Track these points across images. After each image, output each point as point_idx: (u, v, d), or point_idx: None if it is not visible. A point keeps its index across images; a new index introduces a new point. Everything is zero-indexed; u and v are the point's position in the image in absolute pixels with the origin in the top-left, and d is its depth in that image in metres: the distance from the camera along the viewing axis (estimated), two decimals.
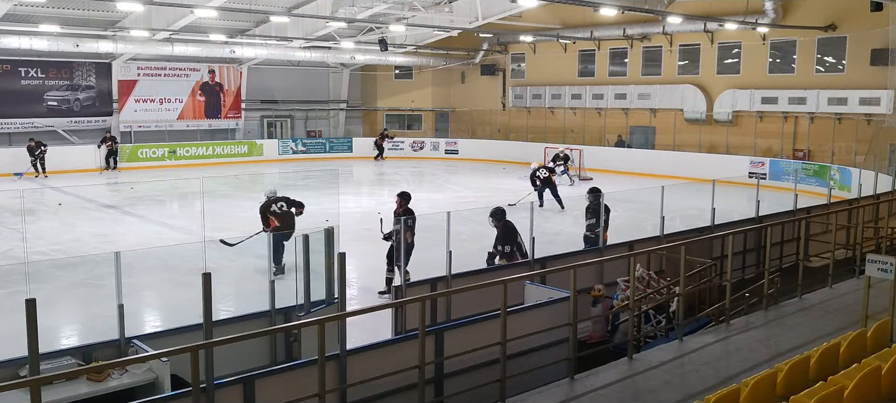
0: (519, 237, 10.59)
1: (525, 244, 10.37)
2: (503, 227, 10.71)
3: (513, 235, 10.61)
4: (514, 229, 10.65)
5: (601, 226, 11.58)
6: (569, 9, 27.05)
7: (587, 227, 12.11)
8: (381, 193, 23.75)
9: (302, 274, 7.82)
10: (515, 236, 10.61)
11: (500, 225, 10.74)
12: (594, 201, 11.97)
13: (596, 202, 11.84)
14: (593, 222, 11.89)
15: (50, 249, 14.33)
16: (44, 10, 22.92)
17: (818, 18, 23.55)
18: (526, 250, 10.35)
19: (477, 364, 6.82)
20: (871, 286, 7.76)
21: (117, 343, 6.74)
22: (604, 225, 11.63)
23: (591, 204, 12.08)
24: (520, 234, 10.57)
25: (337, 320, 6.11)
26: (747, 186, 19.40)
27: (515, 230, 10.64)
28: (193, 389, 4.91)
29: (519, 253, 10.52)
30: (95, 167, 27.04)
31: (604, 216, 11.65)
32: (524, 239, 10.46)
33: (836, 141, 23.10)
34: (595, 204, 11.85)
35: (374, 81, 35.84)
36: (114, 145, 27.36)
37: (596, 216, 11.75)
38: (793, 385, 5.58)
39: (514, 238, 10.60)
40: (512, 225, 10.68)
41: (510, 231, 10.65)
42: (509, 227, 10.68)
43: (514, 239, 10.58)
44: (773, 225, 10.51)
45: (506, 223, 10.72)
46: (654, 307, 9.48)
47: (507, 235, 10.62)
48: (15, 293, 10.01)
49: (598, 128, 29.97)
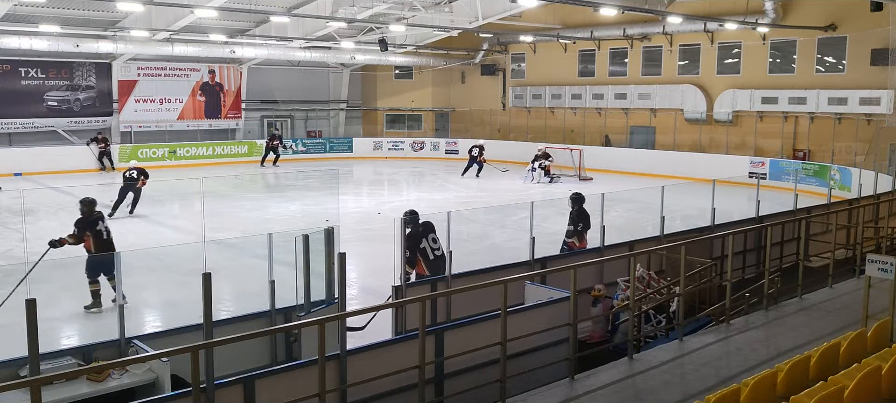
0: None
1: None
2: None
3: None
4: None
5: (576, 235, 11.59)
6: (569, 9, 27.04)
7: (567, 233, 11.86)
8: (382, 193, 23.78)
9: (302, 274, 7.81)
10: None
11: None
12: (576, 209, 11.68)
13: (578, 210, 11.64)
14: (571, 229, 11.72)
15: None
16: (44, 10, 22.92)
17: (818, 18, 23.55)
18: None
19: (477, 365, 6.82)
20: (871, 286, 7.76)
21: (117, 343, 6.75)
22: (581, 229, 11.56)
23: (573, 212, 11.75)
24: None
25: (337, 320, 6.11)
26: (747, 186, 19.42)
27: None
28: (193, 389, 4.92)
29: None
30: (95, 167, 27.04)
31: (581, 223, 11.56)
32: (524, 238, 10.47)
33: (836, 141, 23.11)
34: (576, 213, 11.66)
35: (374, 81, 35.85)
36: (106, 147, 27.03)
37: (575, 224, 11.64)
38: (793, 385, 5.58)
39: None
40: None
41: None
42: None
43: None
44: (773, 225, 10.50)
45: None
46: (655, 307, 9.47)
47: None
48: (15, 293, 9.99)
49: (598, 128, 29.97)
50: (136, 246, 14.00)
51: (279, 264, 7.92)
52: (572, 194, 12.00)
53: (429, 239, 9.66)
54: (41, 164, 25.65)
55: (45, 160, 25.81)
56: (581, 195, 11.91)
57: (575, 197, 11.84)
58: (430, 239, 9.68)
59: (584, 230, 11.60)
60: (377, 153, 33.64)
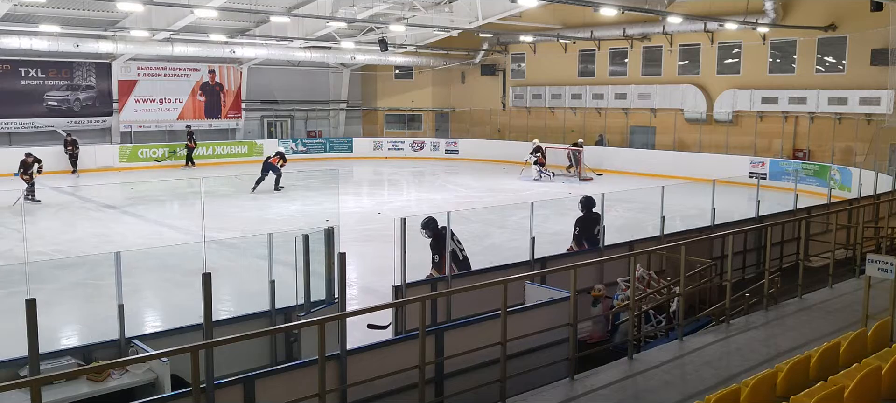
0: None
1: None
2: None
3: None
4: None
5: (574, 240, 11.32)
6: (569, 9, 27.04)
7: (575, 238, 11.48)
8: (382, 193, 23.78)
9: (302, 274, 7.82)
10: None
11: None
12: (586, 214, 11.30)
13: (588, 216, 11.26)
14: (577, 233, 11.34)
15: (50, 249, 14.33)
16: (44, 10, 22.92)
17: (818, 18, 23.55)
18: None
19: (477, 365, 6.82)
20: (871, 286, 7.75)
21: (117, 343, 6.74)
22: (579, 235, 11.24)
23: (583, 217, 11.34)
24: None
25: (337, 320, 6.11)
26: (747, 186, 19.41)
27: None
28: (193, 389, 4.91)
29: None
30: (94, 167, 26.97)
31: (578, 227, 11.27)
32: (524, 238, 10.46)
33: (836, 141, 23.11)
34: (586, 219, 11.27)
35: (374, 81, 35.85)
36: (74, 149, 26.27)
37: (582, 229, 11.28)
38: (793, 385, 5.58)
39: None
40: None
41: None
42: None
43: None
44: (773, 225, 10.50)
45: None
46: (655, 307, 9.47)
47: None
48: (15, 293, 10.00)
49: (598, 128, 29.97)
50: (136, 246, 14.00)
51: (279, 264, 7.92)
52: (581, 198, 11.75)
53: (455, 240, 9.72)
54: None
55: (46, 160, 25.65)
56: (589, 198, 11.49)
57: (582, 201, 11.56)
58: (455, 240, 9.74)
59: (582, 236, 11.22)
60: (377, 153, 33.64)
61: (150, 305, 11.06)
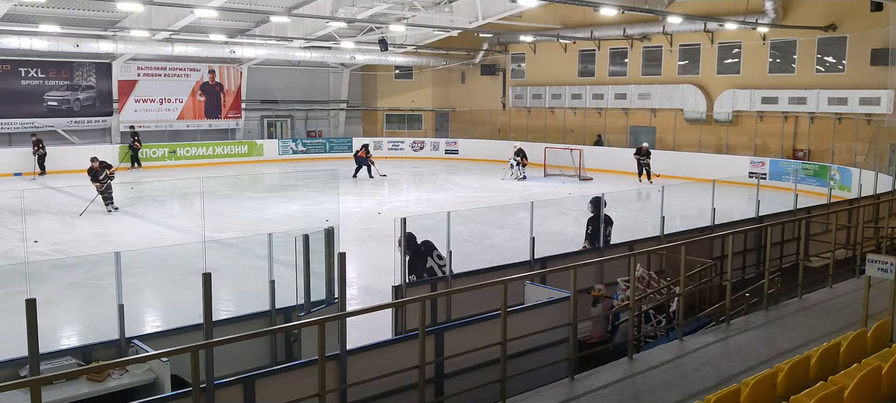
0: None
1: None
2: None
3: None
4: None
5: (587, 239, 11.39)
6: (569, 9, 27.05)
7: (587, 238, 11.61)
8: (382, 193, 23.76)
9: (302, 274, 7.81)
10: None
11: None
12: (597, 215, 11.30)
13: (599, 216, 11.25)
14: (591, 232, 11.43)
15: (50, 249, 14.33)
16: (44, 10, 22.92)
17: (818, 18, 23.55)
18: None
19: (477, 365, 6.82)
20: (871, 286, 7.75)
21: (117, 343, 6.74)
22: (591, 233, 11.32)
23: (594, 217, 11.39)
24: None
25: (337, 320, 6.11)
26: (747, 186, 19.41)
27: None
28: (193, 389, 4.91)
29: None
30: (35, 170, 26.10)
31: (591, 227, 11.35)
32: (524, 238, 10.47)
33: (836, 141, 23.11)
34: (597, 219, 11.28)
35: (374, 81, 35.85)
36: (41, 149, 25.67)
37: (595, 229, 11.31)
38: (793, 385, 5.58)
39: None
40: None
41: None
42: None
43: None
44: (773, 225, 10.50)
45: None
46: (655, 307, 9.47)
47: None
48: (15, 293, 10.00)
49: (598, 128, 29.98)
50: (136, 246, 14.00)
51: (279, 264, 7.92)
52: (592, 199, 11.78)
53: (434, 257, 9.40)
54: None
55: (46, 160, 25.77)
56: (599, 199, 11.47)
57: (592, 201, 11.59)
58: (435, 255, 9.41)
59: (595, 235, 11.30)
60: (377, 153, 33.61)
61: (150, 305, 11.06)
